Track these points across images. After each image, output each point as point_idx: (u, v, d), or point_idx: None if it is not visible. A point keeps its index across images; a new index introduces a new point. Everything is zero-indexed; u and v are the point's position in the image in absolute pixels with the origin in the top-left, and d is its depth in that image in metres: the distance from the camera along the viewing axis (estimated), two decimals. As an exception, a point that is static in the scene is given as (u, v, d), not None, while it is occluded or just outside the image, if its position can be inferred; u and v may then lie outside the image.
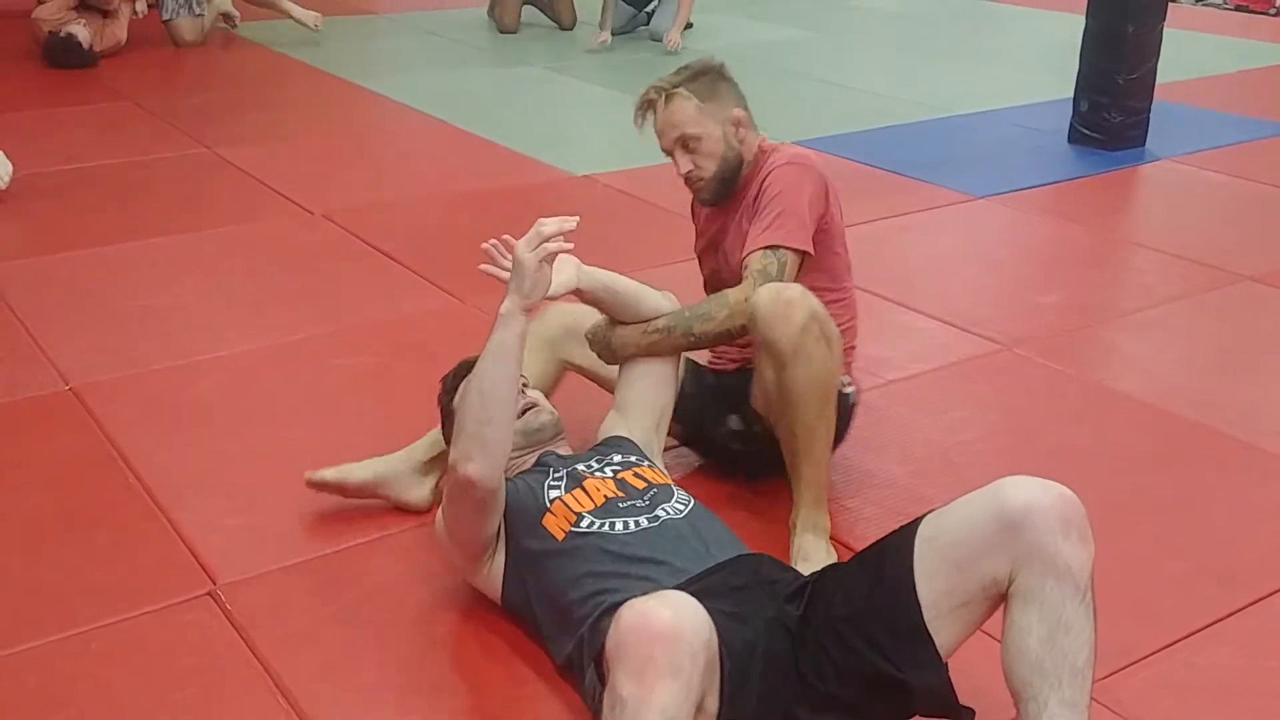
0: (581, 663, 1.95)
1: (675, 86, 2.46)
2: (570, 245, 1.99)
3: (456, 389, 2.31)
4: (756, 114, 2.57)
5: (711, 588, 1.84)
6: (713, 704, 1.70)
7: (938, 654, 1.76)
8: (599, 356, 2.50)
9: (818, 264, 2.48)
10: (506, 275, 2.03)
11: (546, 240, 1.96)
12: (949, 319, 3.53)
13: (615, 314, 2.42)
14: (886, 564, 1.81)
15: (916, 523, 1.83)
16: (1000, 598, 1.74)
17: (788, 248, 2.40)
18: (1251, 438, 2.90)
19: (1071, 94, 5.33)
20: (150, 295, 3.62)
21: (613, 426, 2.41)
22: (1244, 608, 2.27)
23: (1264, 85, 6.78)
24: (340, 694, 2.01)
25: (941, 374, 3.21)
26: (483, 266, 2.14)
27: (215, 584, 2.28)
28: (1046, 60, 6.81)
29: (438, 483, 2.47)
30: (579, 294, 2.32)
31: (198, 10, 6.84)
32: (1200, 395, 3.12)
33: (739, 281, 2.43)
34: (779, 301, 2.27)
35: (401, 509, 2.49)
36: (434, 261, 3.84)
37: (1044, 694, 1.67)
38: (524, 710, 2.01)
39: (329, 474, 2.47)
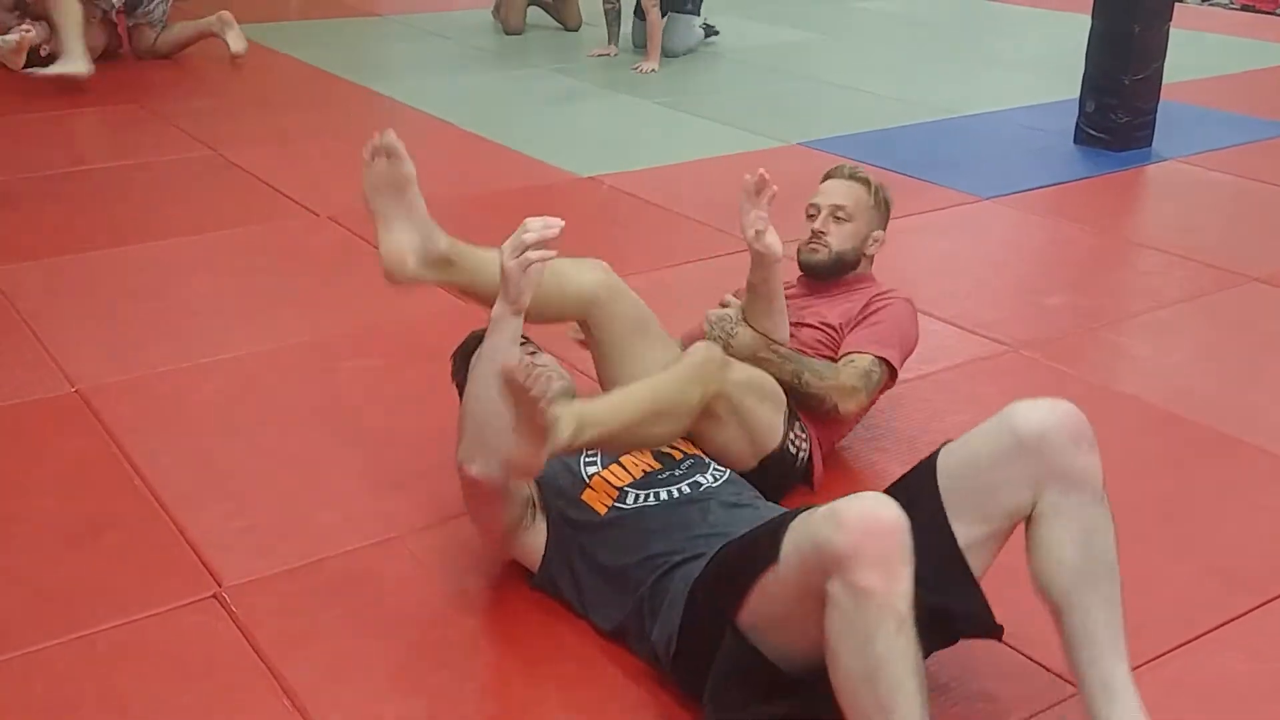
0: (641, 626, 2.00)
1: (869, 182, 2.80)
2: (553, 253, 1.96)
3: (467, 366, 2.35)
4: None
5: None
6: None
7: (975, 581, 1.83)
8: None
9: None
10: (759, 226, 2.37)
11: (529, 248, 1.95)
12: (954, 320, 3.52)
13: (757, 311, 2.53)
14: (917, 505, 1.80)
15: (933, 459, 1.89)
16: (1021, 520, 1.82)
17: (891, 366, 2.64)
18: (1259, 440, 2.89)
19: (1077, 95, 5.32)
20: (156, 297, 3.62)
21: None
22: (1251, 610, 2.27)
23: (1271, 85, 6.76)
24: (345, 696, 2.01)
25: (947, 375, 3.20)
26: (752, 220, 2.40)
27: (220, 586, 2.28)
28: (1052, 61, 6.80)
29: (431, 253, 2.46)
30: (753, 283, 2.50)
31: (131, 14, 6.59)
32: (1207, 397, 3.11)
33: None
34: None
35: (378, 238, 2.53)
36: (439, 263, 3.83)
37: (1086, 599, 1.78)
38: (531, 714, 2.01)
39: (399, 145, 2.54)
